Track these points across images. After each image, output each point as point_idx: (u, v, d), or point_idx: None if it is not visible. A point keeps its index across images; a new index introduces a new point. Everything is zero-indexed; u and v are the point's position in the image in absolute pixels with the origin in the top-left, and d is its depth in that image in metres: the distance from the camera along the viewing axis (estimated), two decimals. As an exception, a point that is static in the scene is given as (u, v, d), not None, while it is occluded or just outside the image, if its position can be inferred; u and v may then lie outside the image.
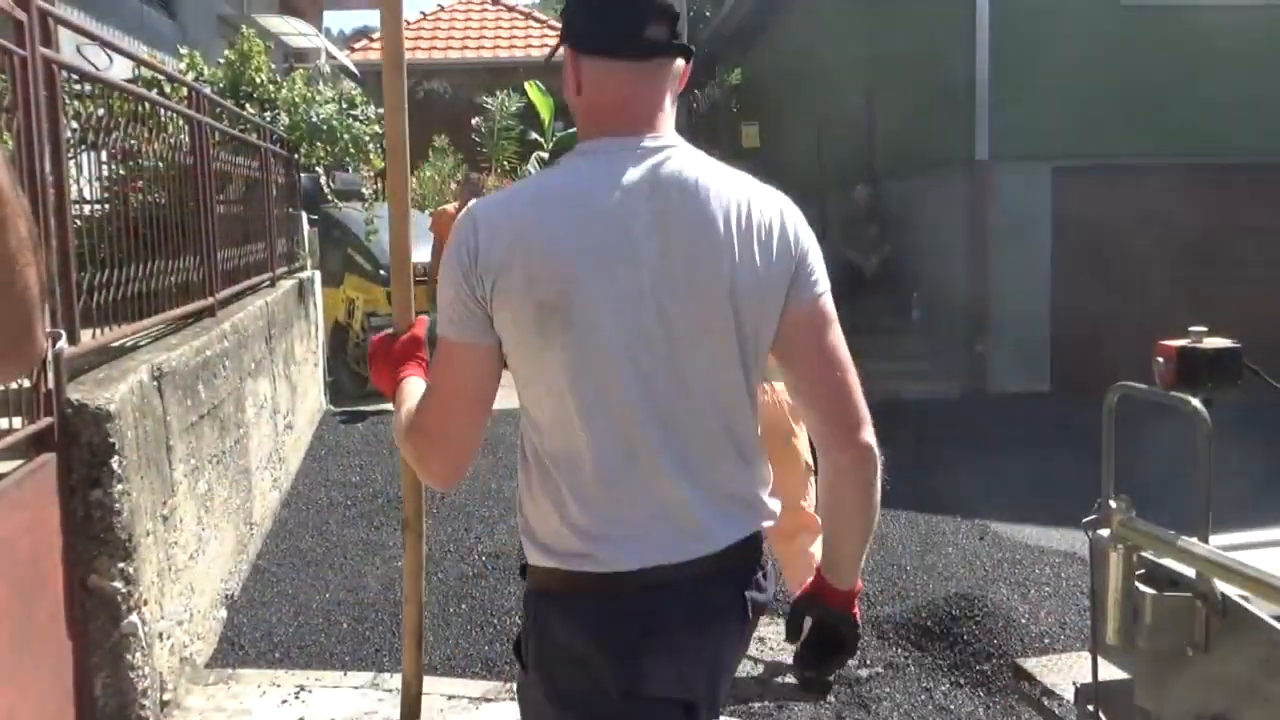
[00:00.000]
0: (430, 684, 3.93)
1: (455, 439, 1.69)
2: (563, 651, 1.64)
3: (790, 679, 4.13)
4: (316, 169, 9.17)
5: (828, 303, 1.81)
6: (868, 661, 4.24)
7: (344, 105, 9.37)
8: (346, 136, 9.17)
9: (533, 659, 1.68)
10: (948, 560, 5.36)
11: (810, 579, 1.88)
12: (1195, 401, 2.66)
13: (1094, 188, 9.73)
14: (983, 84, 9.56)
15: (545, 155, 16.23)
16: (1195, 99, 9.43)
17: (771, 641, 4.46)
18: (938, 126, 10.41)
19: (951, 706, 3.86)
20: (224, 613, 4.51)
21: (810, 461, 4.30)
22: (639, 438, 1.63)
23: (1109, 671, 2.96)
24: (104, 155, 4.22)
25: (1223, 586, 2.50)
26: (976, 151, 9.66)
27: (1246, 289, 9.76)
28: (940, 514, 6.17)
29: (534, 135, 16.21)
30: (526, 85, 15.98)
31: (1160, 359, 2.80)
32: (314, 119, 8.96)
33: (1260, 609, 2.41)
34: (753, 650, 4.36)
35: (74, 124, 3.86)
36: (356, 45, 18.08)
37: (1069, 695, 3.21)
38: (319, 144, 9.01)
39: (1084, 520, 2.87)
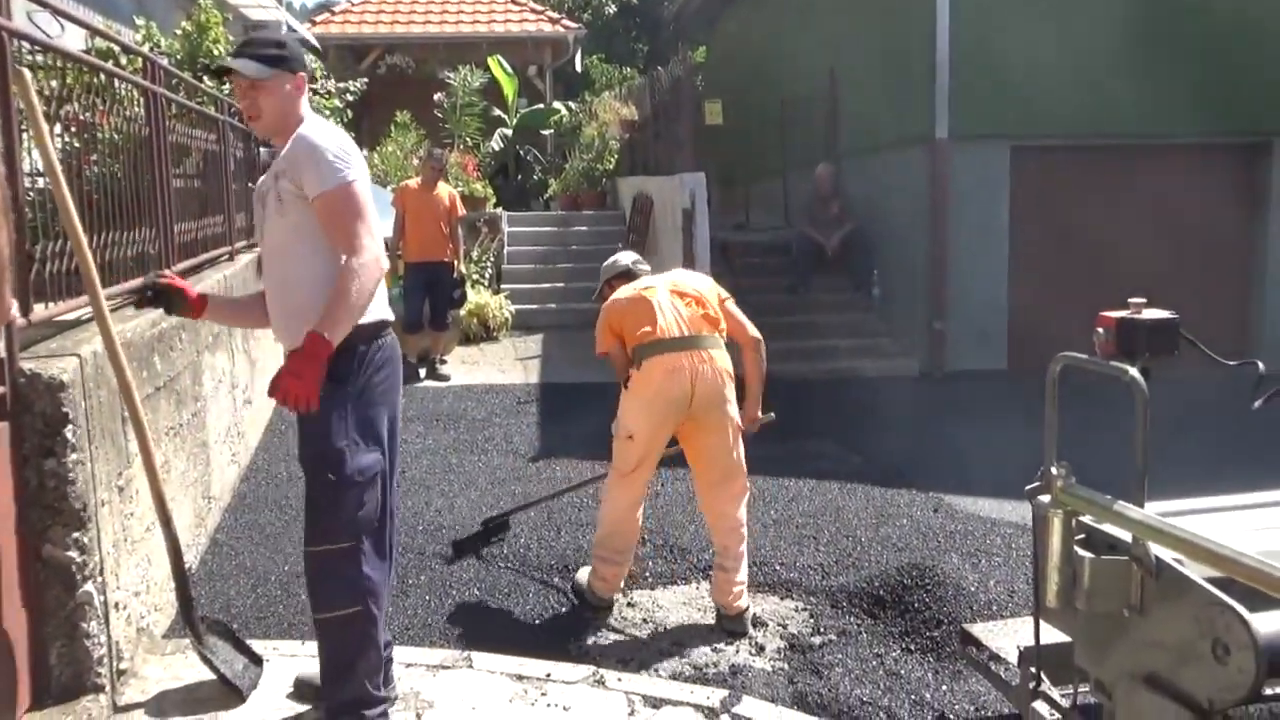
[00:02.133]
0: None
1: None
2: (378, 364, 3.14)
3: (745, 650, 4.20)
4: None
5: None
6: (821, 629, 4.32)
7: (304, 79, 9.28)
8: (306, 110, 9.08)
9: (365, 370, 3.10)
10: (902, 532, 5.45)
11: None
12: (1133, 371, 2.73)
13: (1052, 167, 9.86)
14: (943, 63, 9.63)
15: (509, 132, 16.18)
16: (1153, 80, 9.56)
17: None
18: (898, 105, 10.47)
19: (902, 672, 3.94)
20: (182, 585, 4.50)
21: (739, 421, 4.38)
22: None
23: (1052, 635, 3.05)
24: (57, 127, 4.18)
25: (1157, 550, 2.58)
26: (936, 130, 9.74)
27: (1204, 267, 9.95)
28: (896, 487, 6.27)
29: (497, 111, 16.14)
30: (490, 61, 15.89)
31: (1100, 330, 2.87)
32: (273, 92, 8.87)
33: (1192, 571, 2.49)
34: (709, 619, 4.43)
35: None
36: (318, 19, 17.87)
37: (1015, 659, 3.29)
38: (278, 117, 8.92)
39: (1027, 488, 2.96)
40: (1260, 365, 2.85)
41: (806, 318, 10.54)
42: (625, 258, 4.81)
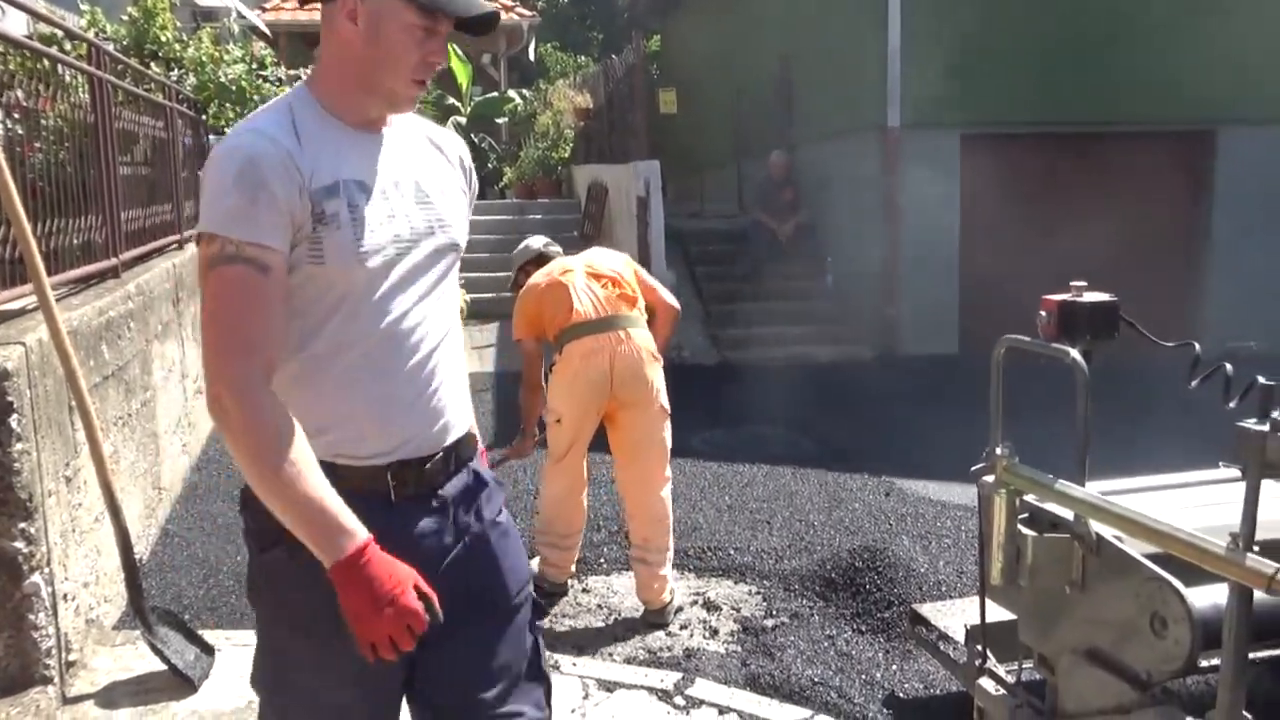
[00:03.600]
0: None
1: None
2: None
3: (699, 634, 4.24)
4: (226, 131, 9.00)
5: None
6: (774, 612, 4.37)
7: (254, 65, 9.20)
8: (257, 98, 9.01)
9: None
10: (854, 515, 5.51)
11: None
12: (1074, 352, 2.79)
13: (1002, 154, 9.96)
14: (894, 51, 9.70)
15: (463, 120, 16.09)
16: (1101, 69, 9.70)
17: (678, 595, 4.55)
18: (851, 93, 10.55)
19: (853, 652, 4.00)
20: (132, 576, 4.46)
21: (667, 405, 4.39)
22: None
23: (998, 613, 3.11)
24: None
25: (1098, 527, 2.64)
26: (888, 118, 9.82)
27: (1151, 251, 10.12)
28: (849, 471, 6.33)
29: (451, 99, 16.05)
30: (443, 49, 15.78)
31: (1043, 313, 2.93)
32: (222, 79, 8.79)
33: (1132, 548, 2.56)
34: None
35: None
36: (268, 5, 17.64)
37: (962, 638, 3.36)
38: (228, 105, 8.84)
39: (972, 469, 3.01)
40: (1197, 346, 2.91)
41: (761, 304, 10.60)
42: (536, 241, 4.80)
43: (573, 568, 4.60)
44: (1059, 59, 9.65)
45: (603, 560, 4.92)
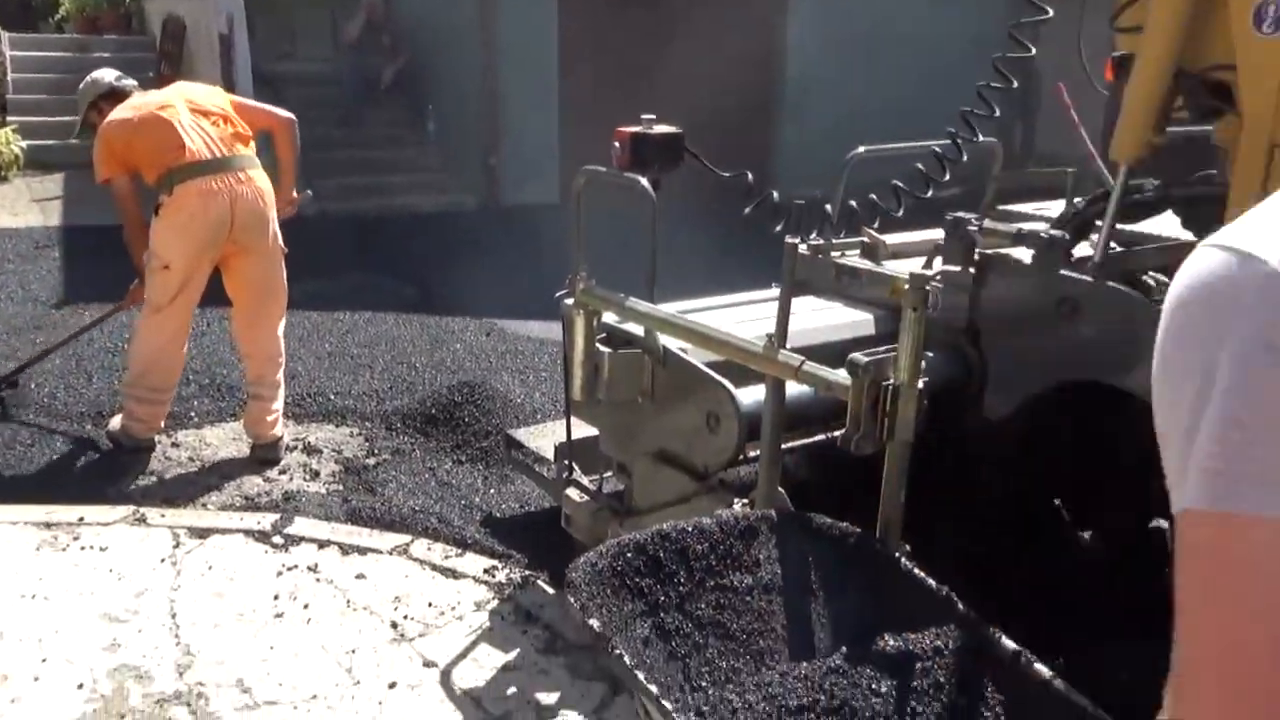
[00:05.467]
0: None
1: None
2: None
3: (300, 478, 4.20)
4: None
5: None
6: (376, 451, 4.41)
7: None
8: None
9: None
10: (455, 355, 5.62)
11: None
12: (644, 181, 2.98)
13: (597, 6, 10.14)
14: (490, -108, 9.52)
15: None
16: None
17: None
18: (447, -66, 10.26)
19: (453, 481, 4.14)
20: None
21: (283, 244, 4.32)
22: None
23: (586, 431, 3.34)
24: None
25: (666, 340, 2.88)
26: (486, -37, 9.68)
27: (734, 106, 10.79)
28: (450, 315, 6.41)
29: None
30: None
31: (616, 144, 3.09)
32: None
33: (695, 358, 2.82)
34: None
35: None
36: None
37: (553, 456, 3.57)
38: None
39: (556, 294, 3.17)
40: (750, 175, 3.21)
41: (360, 153, 10.26)
42: (107, 75, 4.44)
43: (161, 423, 4.37)
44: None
45: (193, 414, 4.70)
